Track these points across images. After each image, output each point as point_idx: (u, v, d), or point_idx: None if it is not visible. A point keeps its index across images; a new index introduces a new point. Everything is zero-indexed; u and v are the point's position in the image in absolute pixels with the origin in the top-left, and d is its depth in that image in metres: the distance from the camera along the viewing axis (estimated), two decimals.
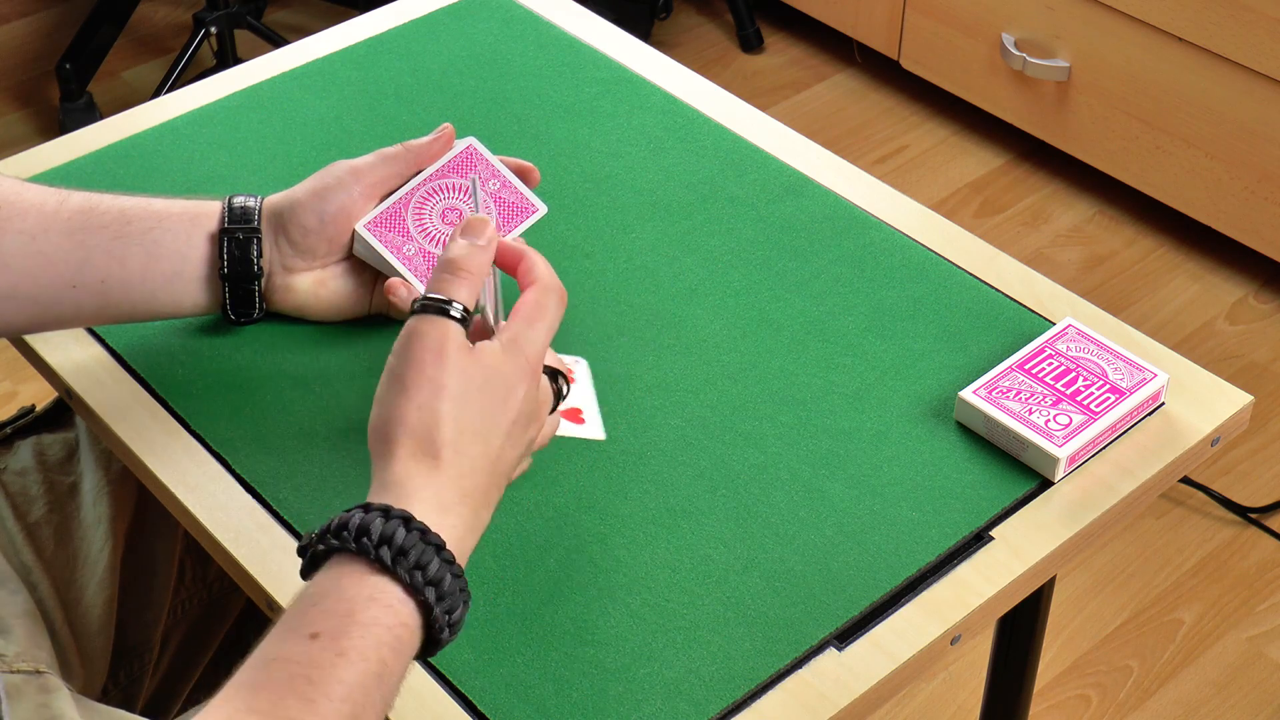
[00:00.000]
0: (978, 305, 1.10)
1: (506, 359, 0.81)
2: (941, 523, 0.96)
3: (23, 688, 0.95)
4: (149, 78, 2.72)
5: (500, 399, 0.80)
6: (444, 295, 0.82)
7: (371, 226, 1.02)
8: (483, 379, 0.80)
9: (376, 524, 0.75)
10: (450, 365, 0.79)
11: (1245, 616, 1.88)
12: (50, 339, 1.07)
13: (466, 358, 0.80)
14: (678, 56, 2.17)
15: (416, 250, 1.03)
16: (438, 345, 0.80)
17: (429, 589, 0.74)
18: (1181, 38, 2.17)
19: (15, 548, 1.08)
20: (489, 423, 0.80)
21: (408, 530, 0.75)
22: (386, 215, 1.03)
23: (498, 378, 0.81)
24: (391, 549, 0.74)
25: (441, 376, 0.79)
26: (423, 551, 0.75)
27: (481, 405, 0.80)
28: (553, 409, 0.87)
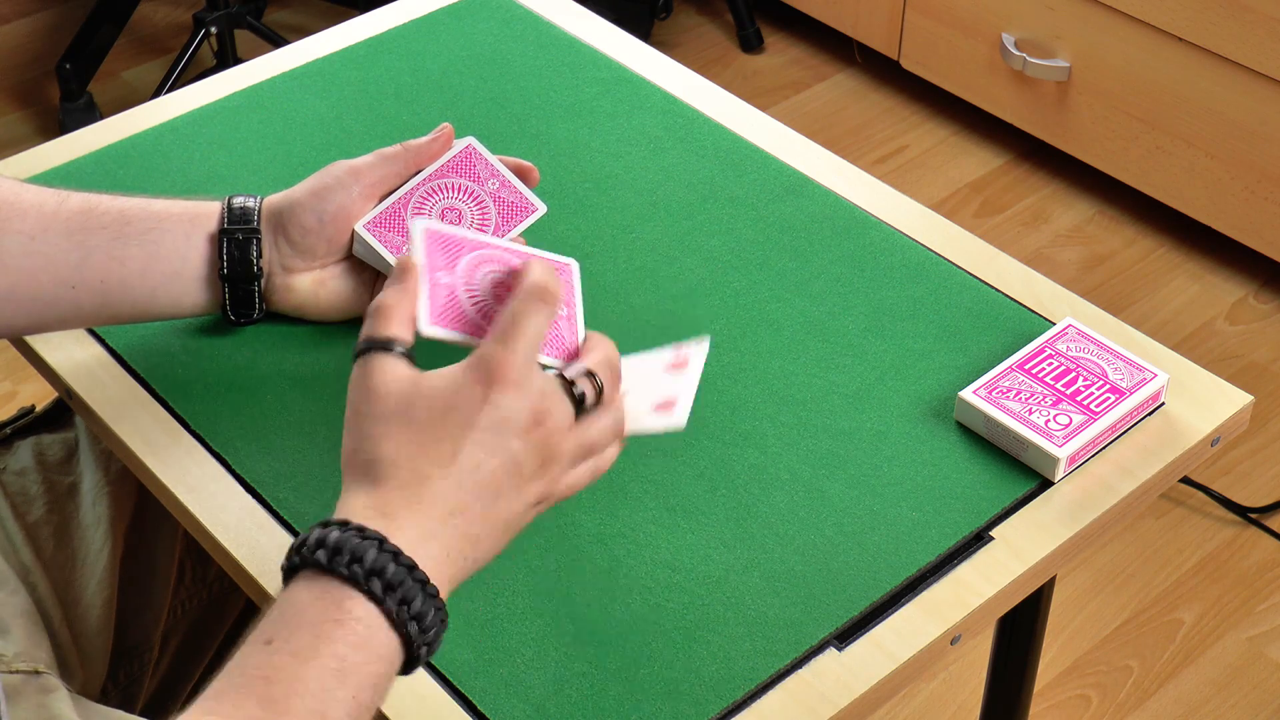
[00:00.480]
0: (978, 305, 1.10)
1: (454, 377, 0.80)
2: (941, 523, 0.96)
3: (22, 688, 0.95)
4: (149, 78, 2.72)
5: (441, 413, 0.79)
6: (373, 335, 0.82)
7: (371, 226, 1.02)
8: (418, 397, 0.80)
9: (315, 533, 0.77)
10: (380, 393, 0.80)
11: (1245, 616, 1.88)
12: (50, 339, 1.07)
13: (399, 384, 0.80)
14: (678, 56, 2.17)
15: None
16: (365, 381, 0.81)
17: (372, 579, 0.75)
18: (1181, 38, 2.17)
19: (15, 548, 1.08)
20: (428, 435, 0.79)
21: (343, 531, 0.76)
22: (386, 215, 1.03)
23: (438, 394, 0.80)
24: (327, 549, 0.75)
25: (371, 405, 0.80)
26: (357, 545, 0.75)
27: (418, 422, 0.79)
28: (579, 413, 0.83)
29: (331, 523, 0.77)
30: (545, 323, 0.82)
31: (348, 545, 0.75)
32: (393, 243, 1.02)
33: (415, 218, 0.89)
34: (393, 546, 0.76)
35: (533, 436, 0.80)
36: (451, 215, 1.04)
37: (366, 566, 0.75)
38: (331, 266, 1.04)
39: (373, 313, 0.83)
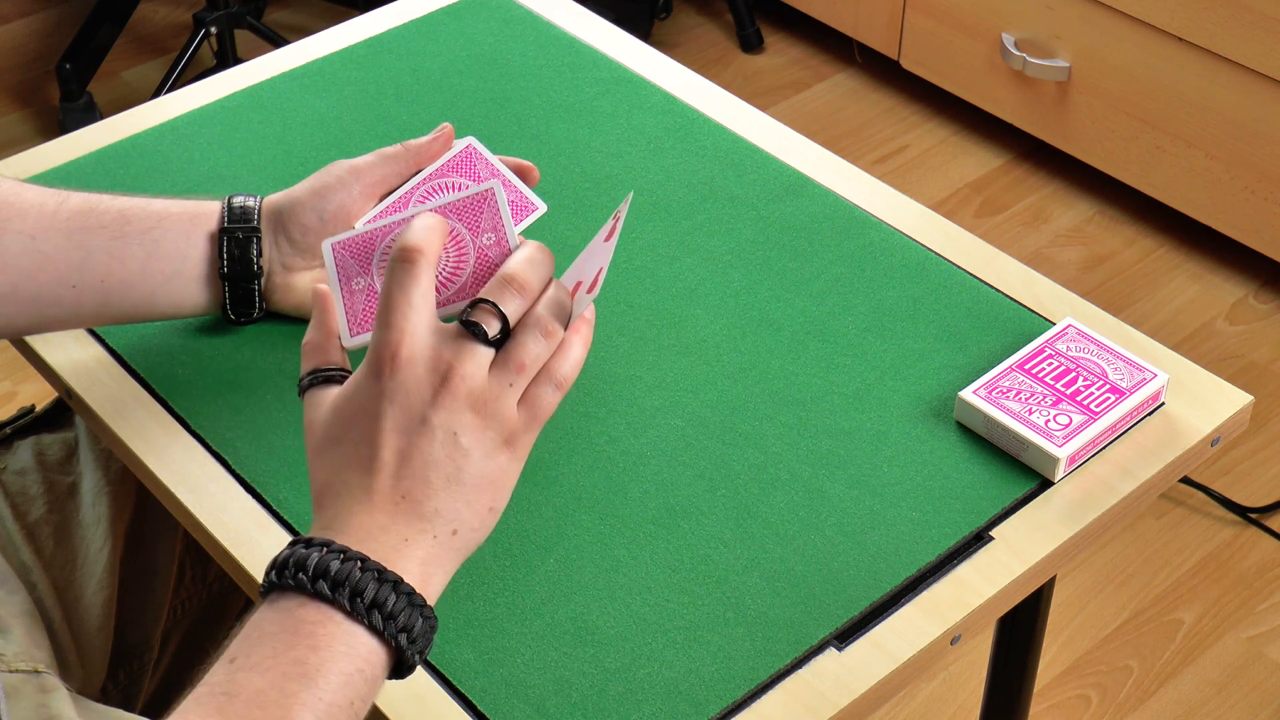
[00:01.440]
0: (978, 305, 1.10)
1: (354, 380, 0.80)
2: (941, 523, 0.96)
3: (21, 687, 0.95)
4: (149, 78, 2.72)
5: (349, 418, 0.79)
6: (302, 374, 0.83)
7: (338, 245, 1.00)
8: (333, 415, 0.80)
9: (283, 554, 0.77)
10: (312, 430, 0.81)
11: (1245, 616, 1.88)
12: (50, 339, 1.07)
13: (323, 412, 0.81)
14: (678, 56, 2.17)
15: None
16: (305, 421, 0.82)
17: (319, 582, 0.75)
18: (1181, 38, 2.17)
19: (14, 547, 1.08)
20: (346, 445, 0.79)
21: (291, 548, 0.77)
22: (385, 215, 1.03)
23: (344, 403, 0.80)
24: (276, 567, 0.76)
25: (309, 442, 0.81)
26: (305, 556, 0.75)
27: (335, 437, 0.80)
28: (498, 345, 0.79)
29: (286, 546, 0.78)
30: (424, 282, 0.79)
31: (293, 558, 0.76)
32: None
33: (324, 241, 0.88)
34: (339, 546, 0.76)
35: (445, 396, 0.78)
36: None
37: (310, 570, 0.75)
38: None
39: (302, 352, 0.84)
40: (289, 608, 0.75)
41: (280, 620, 0.75)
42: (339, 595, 0.74)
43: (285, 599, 0.75)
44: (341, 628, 0.74)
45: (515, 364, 0.79)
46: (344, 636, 0.74)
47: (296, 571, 0.75)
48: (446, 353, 0.78)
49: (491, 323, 0.79)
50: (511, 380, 0.79)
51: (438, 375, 0.78)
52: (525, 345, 0.79)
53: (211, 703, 0.73)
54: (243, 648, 0.75)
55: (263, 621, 0.75)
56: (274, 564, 0.76)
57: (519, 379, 0.79)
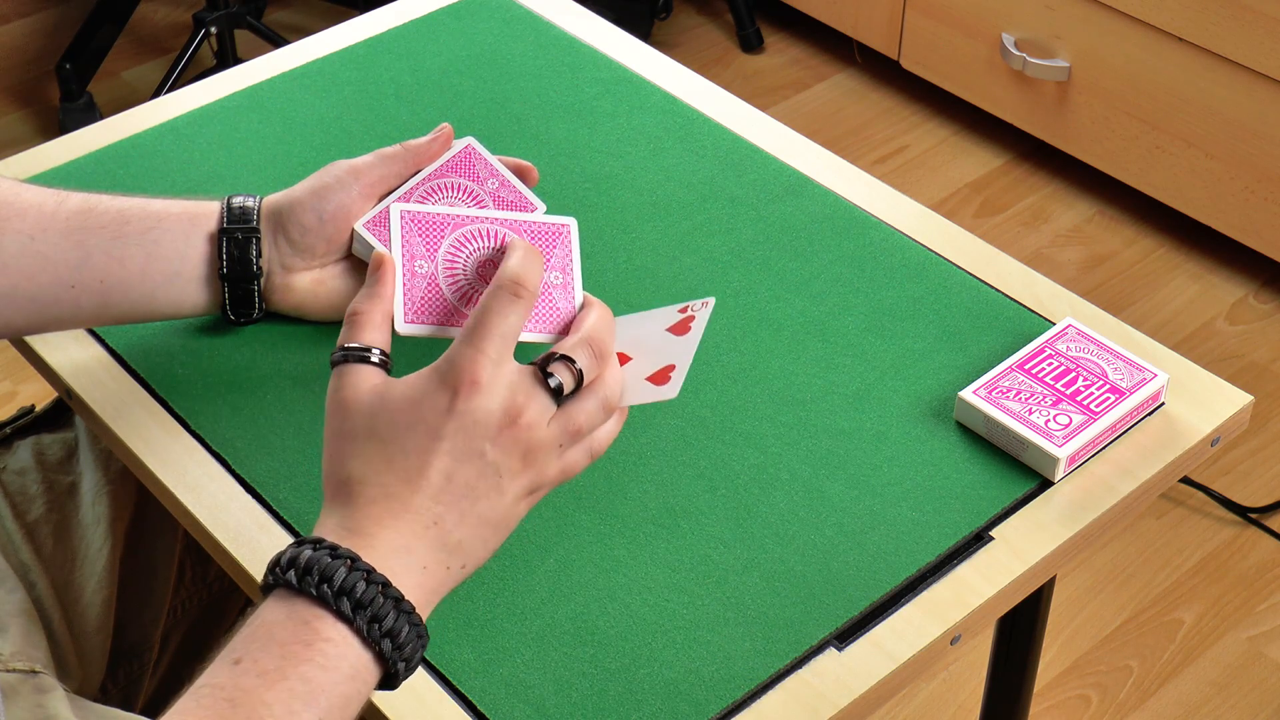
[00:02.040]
0: (978, 305, 1.10)
1: (421, 384, 0.79)
2: (941, 523, 0.96)
3: (18, 687, 0.95)
4: (149, 78, 2.72)
5: (406, 425, 0.78)
6: (346, 344, 0.82)
7: (371, 226, 1.02)
8: (383, 410, 0.79)
9: (288, 553, 0.76)
10: (347, 409, 0.80)
11: (1245, 616, 1.88)
12: (50, 339, 1.07)
13: (365, 396, 0.80)
14: (678, 56, 2.17)
15: None
16: (335, 394, 0.81)
17: (341, 598, 0.74)
18: (1181, 38, 2.17)
19: (14, 546, 1.08)
20: (394, 449, 0.78)
21: (314, 550, 0.76)
22: (386, 215, 1.03)
23: (403, 406, 0.79)
24: (297, 569, 0.75)
25: (340, 421, 0.80)
26: (327, 565, 0.75)
27: (382, 436, 0.79)
28: (561, 401, 0.80)
29: (305, 541, 0.77)
30: (518, 318, 0.80)
31: (317, 565, 0.75)
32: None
33: (394, 204, 0.86)
34: (365, 565, 0.75)
35: (507, 436, 0.79)
36: None
37: (336, 586, 0.74)
38: (331, 266, 1.04)
39: (347, 319, 0.83)
40: (304, 616, 0.74)
41: (293, 628, 0.74)
42: (359, 618, 0.74)
43: (300, 604, 0.75)
44: (352, 649, 0.74)
45: (574, 427, 0.81)
46: (352, 658, 0.74)
47: (321, 583, 0.74)
48: (521, 396, 0.79)
49: (568, 379, 0.80)
50: (563, 440, 0.81)
51: (508, 415, 0.78)
52: (588, 411, 0.81)
53: (214, 708, 0.72)
54: (250, 649, 0.74)
55: (273, 624, 0.75)
56: (291, 563, 0.75)
57: (569, 441, 0.81)
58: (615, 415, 0.84)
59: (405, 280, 0.85)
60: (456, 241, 0.87)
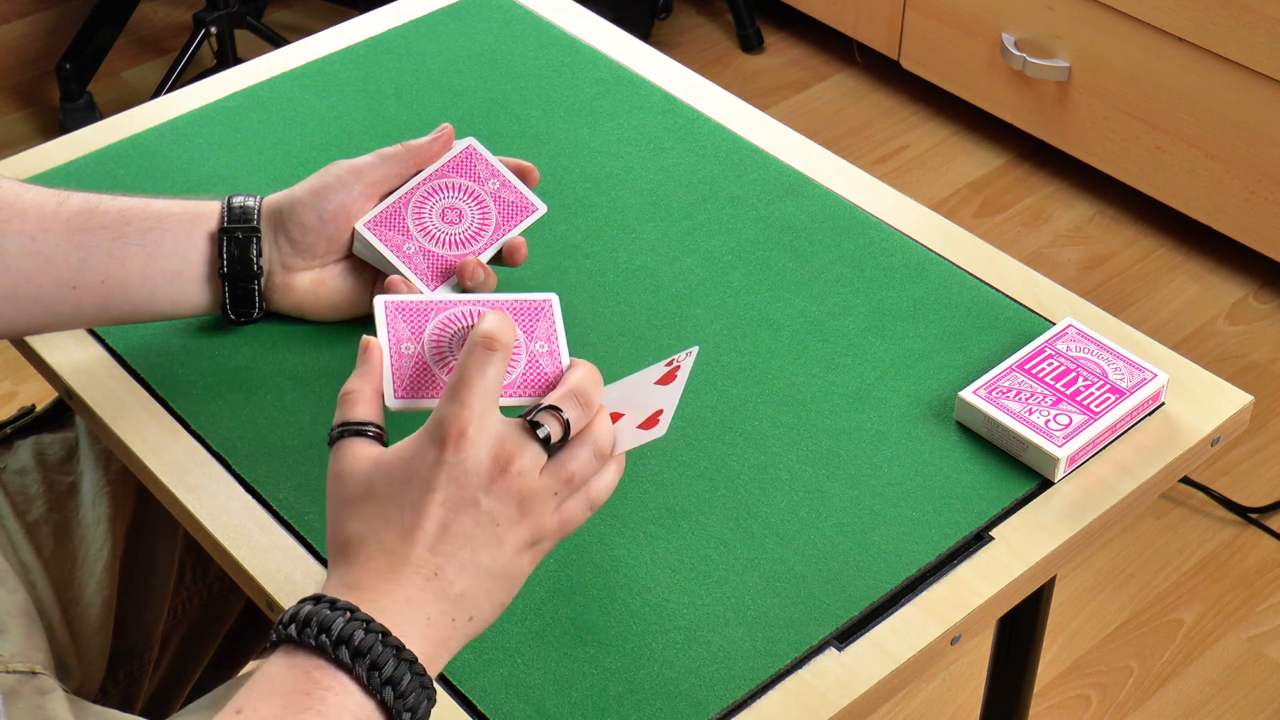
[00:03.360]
0: (978, 305, 1.10)
1: (410, 445, 0.81)
2: (941, 523, 0.96)
3: (18, 689, 0.95)
4: (149, 78, 2.72)
5: (400, 482, 0.80)
6: (338, 422, 0.84)
7: (371, 225, 1.02)
8: (378, 473, 0.81)
9: (291, 610, 0.77)
10: (345, 479, 0.81)
11: (1245, 616, 1.88)
12: (50, 339, 1.07)
13: (361, 465, 0.81)
14: (678, 56, 2.17)
15: (416, 249, 1.03)
16: (333, 467, 0.82)
17: (340, 648, 0.75)
18: (1181, 38, 2.17)
19: (14, 546, 1.08)
20: (389, 506, 0.80)
21: (315, 605, 0.76)
22: (386, 214, 1.03)
23: (395, 465, 0.80)
24: (298, 623, 0.76)
25: (338, 489, 0.81)
26: (327, 617, 0.75)
27: (378, 495, 0.80)
28: (553, 450, 0.82)
29: (308, 599, 0.77)
30: (497, 371, 0.81)
31: (316, 617, 0.76)
32: (393, 241, 1.02)
33: (377, 296, 0.91)
34: (364, 615, 0.76)
35: (499, 485, 0.79)
36: (452, 214, 1.04)
37: (334, 635, 0.75)
38: (331, 265, 1.04)
39: (340, 400, 0.84)
40: (304, 667, 0.75)
41: (294, 678, 0.75)
42: (358, 665, 0.74)
43: (300, 656, 0.75)
44: (353, 698, 0.75)
45: (566, 474, 0.82)
46: (353, 708, 0.74)
47: (319, 632, 0.75)
48: (510, 444, 0.80)
49: (555, 427, 0.81)
50: (558, 489, 0.81)
51: (497, 463, 0.79)
52: (580, 459, 0.82)
53: None
54: (250, 700, 0.74)
55: (274, 676, 0.75)
56: (293, 618, 0.76)
57: (565, 490, 0.82)
58: (614, 466, 0.85)
59: (393, 360, 0.88)
60: (440, 324, 0.89)
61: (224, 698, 0.99)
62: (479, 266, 1.02)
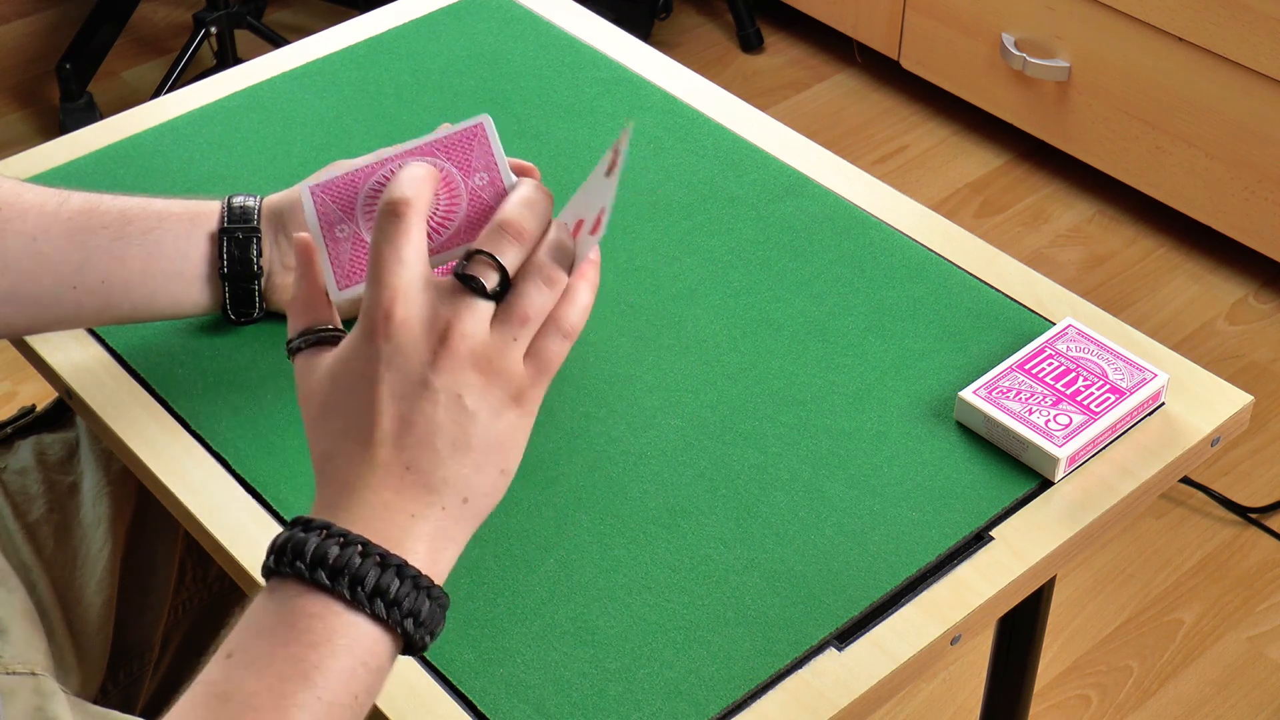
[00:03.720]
0: (978, 305, 1.10)
1: (347, 343, 0.76)
2: (941, 523, 0.96)
3: (18, 689, 0.95)
4: (149, 78, 2.72)
5: (348, 386, 0.75)
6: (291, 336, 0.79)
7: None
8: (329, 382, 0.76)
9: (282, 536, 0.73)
10: (305, 397, 0.77)
11: (1245, 616, 1.88)
12: (50, 339, 1.07)
13: (317, 379, 0.77)
14: (678, 56, 2.17)
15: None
16: (298, 388, 0.78)
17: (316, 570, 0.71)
18: (1181, 38, 2.17)
19: (15, 546, 1.08)
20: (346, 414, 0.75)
21: (289, 530, 0.73)
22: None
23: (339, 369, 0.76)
24: (273, 552, 0.72)
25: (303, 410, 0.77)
26: (303, 540, 0.72)
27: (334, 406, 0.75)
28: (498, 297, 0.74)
29: (286, 526, 0.74)
30: (414, 236, 0.74)
31: (291, 542, 0.72)
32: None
33: (303, 185, 0.81)
34: (339, 530, 0.72)
35: (444, 357, 0.73)
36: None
37: (308, 558, 0.71)
38: None
39: (288, 311, 0.80)
40: (287, 598, 0.71)
41: (278, 612, 0.71)
42: (338, 584, 0.70)
43: (284, 587, 0.72)
44: (341, 619, 0.71)
45: (518, 316, 0.74)
46: (344, 629, 0.71)
47: (294, 559, 0.71)
48: (444, 310, 0.73)
49: (489, 275, 0.74)
50: (515, 334, 0.74)
51: (435, 335, 0.73)
52: (528, 295, 0.74)
53: (206, 705, 0.70)
54: (240, 641, 0.72)
55: (260, 613, 0.72)
56: (273, 547, 0.73)
57: (523, 332, 0.74)
58: (582, 284, 0.76)
59: (329, 248, 0.80)
60: (371, 191, 0.81)
61: None
62: None
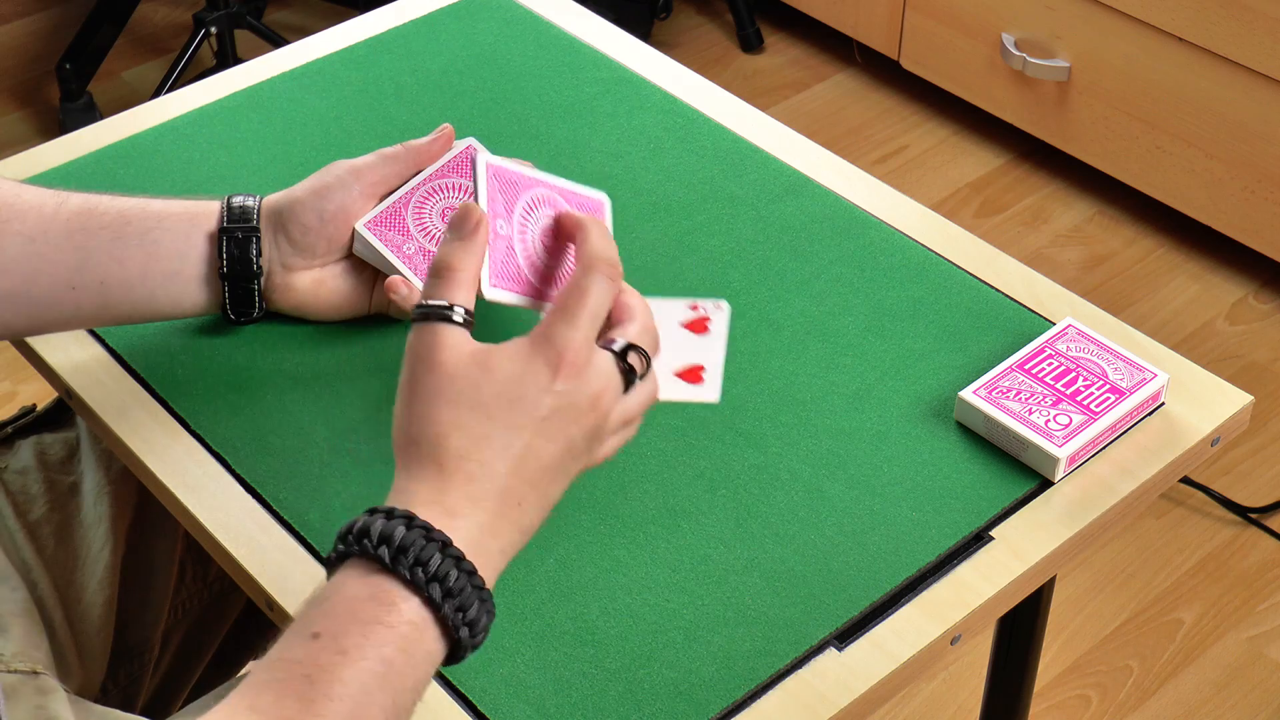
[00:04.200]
0: (978, 305, 1.10)
1: (522, 358, 0.78)
2: (941, 523, 0.96)
3: (19, 688, 0.95)
4: (149, 78, 2.72)
5: (510, 401, 0.77)
6: (436, 299, 0.79)
7: (371, 225, 1.02)
8: (487, 381, 0.77)
9: (378, 525, 0.74)
10: (446, 372, 0.78)
11: (1245, 616, 1.88)
12: (50, 339, 1.07)
13: (465, 361, 0.78)
14: (678, 56, 2.17)
15: (416, 249, 1.03)
16: (429, 354, 0.78)
17: (433, 585, 0.73)
18: (1181, 38, 2.17)
19: (15, 546, 1.08)
20: (497, 425, 0.77)
21: (408, 529, 0.74)
22: (386, 214, 1.03)
23: (508, 379, 0.78)
24: (391, 548, 0.73)
25: (438, 384, 0.78)
26: (423, 548, 0.73)
27: (487, 409, 0.77)
28: (627, 386, 0.81)
29: (396, 514, 0.75)
30: (609, 298, 0.81)
31: (414, 546, 0.73)
32: (393, 241, 1.02)
33: (479, 156, 0.84)
34: (456, 550, 0.74)
35: (589, 420, 0.79)
36: None
37: (430, 571, 0.73)
38: (331, 265, 1.04)
39: (438, 272, 0.80)
40: (390, 599, 0.73)
41: (376, 609, 0.73)
42: (447, 605, 0.74)
43: (386, 583, 0.73)
44: (430, 634, 0.74)
45: (629, 415, 0.83)
46: (429, 644, 0.74)
47: (415, 565, 0.73)
48: (610, 387, 0.80)
49: (639, 368, 0.82)
50: (618, 428, 0.83)
51: (595, 403, 0.79)
52: (641, 402, 0.83)
53: (290, 684, 0.71)
54: (329, 625, 0.72)
55: (354, 601, 0.73)
56: (383, 538, 0.73)
57: (623, 429, 0.83)
58: None
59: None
60: (527, 204, 0.84)
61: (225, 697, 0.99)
62: None
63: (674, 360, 0.84)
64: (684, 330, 0.84)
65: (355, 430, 1.00)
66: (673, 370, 0.84)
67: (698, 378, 0.83)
